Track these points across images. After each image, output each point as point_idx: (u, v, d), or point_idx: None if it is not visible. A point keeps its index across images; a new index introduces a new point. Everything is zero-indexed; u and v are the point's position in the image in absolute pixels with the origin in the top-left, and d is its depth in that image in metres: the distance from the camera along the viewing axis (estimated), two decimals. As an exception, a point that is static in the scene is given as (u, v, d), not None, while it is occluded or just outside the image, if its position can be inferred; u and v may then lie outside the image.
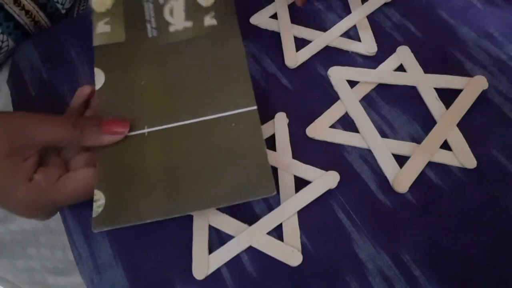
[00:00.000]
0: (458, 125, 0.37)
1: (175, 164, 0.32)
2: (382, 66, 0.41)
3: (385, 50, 0.42)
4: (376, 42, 0.43)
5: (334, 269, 0.33)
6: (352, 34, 0.44)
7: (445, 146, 0.36)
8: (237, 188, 0.31)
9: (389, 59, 0.42)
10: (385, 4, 0.45)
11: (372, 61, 0.42)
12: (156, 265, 0.34)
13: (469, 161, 0.35)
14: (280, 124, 0.39)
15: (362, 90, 0.40)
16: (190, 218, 0.35)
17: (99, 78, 0.35)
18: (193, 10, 0.38)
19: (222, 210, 0.35)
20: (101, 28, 0.37)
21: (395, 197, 0.35)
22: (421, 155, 0.36)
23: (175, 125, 0.33)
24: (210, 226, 0.35)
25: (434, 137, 0.37)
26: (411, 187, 0.35)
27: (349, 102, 0.39)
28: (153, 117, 0.34)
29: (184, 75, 0.36)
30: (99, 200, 0.31)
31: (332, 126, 0.39)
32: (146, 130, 0.33)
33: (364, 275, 0.32)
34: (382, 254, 0.33)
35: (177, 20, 0.37)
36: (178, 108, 0.34)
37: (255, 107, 0.33)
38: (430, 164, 0.36)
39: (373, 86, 0.40)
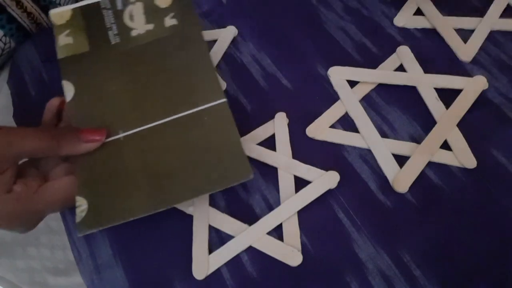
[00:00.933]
0: (458, 125, 0.37)
1: (154, 163, 0.33)
2: (382, 66, 0.41)
3: (385, 50, 0.42)
4: (376, 42, 0.43)
5: (334, 269, 0.33)
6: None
7: (445, 146, 0.36)
8: (216, 177, 0.32)
9: (389, 59, 0.42)
10: (385, 3, 0.45)
11: (372, 61, 0.42)
12: (156, 265, 0.34)
13: (469, 161, 0.35)
14: (280, 124, 0.38)
15: (362, 90, 0.40)
16: (190, 218, 0.35)
17: (69, 90, 0.36)
18: (152, 13, 0.38)
19: (222, 210, 0.35)
20: (63, 40, 0.37)
21: (395, 197, 0.35)
22: (421, 155, 0.36)
23: (149, 126, 0.34)
24: (210, 226, 0.35)
25: (434, 137, 0.37)
26: (411, 187, 0.35)
27: (349, 102, 0.39)
28: (127, 122, 0.34)
29: (152, 77, 0.36)
30: (82, 205, 0.31)
31: (332, 126, 0.39)
32: (121, 135, 0.34)
33: (364, 275, 0.32)
34: (382, 254, 0.33)
35: (138, 24, 0.38)
36: (150, 109, 0.35)
37: (224, 100, 0.35)
38: (430, 164, 0.36)
39: (373, 86, 0.40)
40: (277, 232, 0.34)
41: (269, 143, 0.38)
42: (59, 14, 0.38)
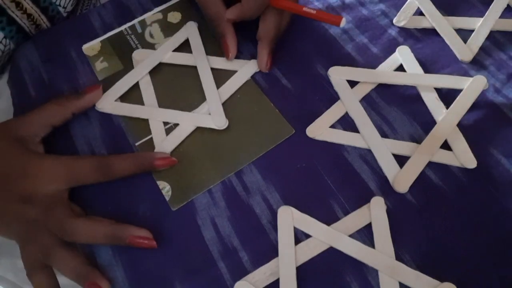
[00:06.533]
0: (458, 125, 0.37)
1: (207, 142, 0.39)
2: (382, 66, 0.41)
3: (385, 50, 0.42)
4: (376, 42, 0.43)
5: (334, 269, 0.33)
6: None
7: (445, 146, 0.36)
8: (265, 139, 0.38)
9: (389, 59, 0.42)
10: (385, 3, 0.45)
11: (372, 61, 0.42)
12: (156, 265, 0.34)
13: (469, 161, 0.35)
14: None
15: (362, 90, 0.40)
16: (189, 218, 0.35)
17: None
18: (168, 29, 0.46)
19: (222, 210, 0.35)
20: (99, 65, 0.44)
21: (395, 197, 0.35)
22: (421, 155, 0.36)
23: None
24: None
25: (434, 137, 0.37)
26: (411, 187, 0.35)
27: (349, 102, 0.39)
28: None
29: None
30: (165, 187, 0.37)
31: (332, 126, 0.39)
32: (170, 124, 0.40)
33: (364, 275, 0.32)
34: (382, 254, 0.33)
35: (159, 39, 0.45)
36: (186, 99, 0.41)
37: (249, 77, 0.42)
38: (430, 164, 0.36)
39: (373, 86, 0.40)
40: (277, 232, 0.34)
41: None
42: (90, 48, 0.45)
